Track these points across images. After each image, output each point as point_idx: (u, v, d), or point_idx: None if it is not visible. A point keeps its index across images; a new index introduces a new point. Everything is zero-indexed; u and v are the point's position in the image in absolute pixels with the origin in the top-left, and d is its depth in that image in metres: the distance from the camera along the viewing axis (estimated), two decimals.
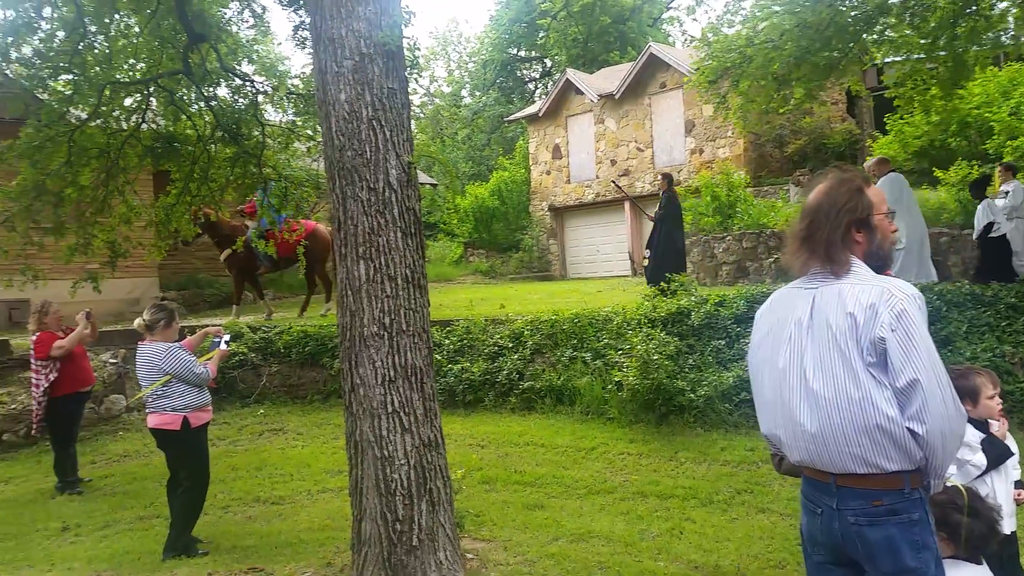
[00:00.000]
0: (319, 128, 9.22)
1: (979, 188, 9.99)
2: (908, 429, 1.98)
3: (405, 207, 4.15)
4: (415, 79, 4.73)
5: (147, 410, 5.09)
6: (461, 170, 29.26)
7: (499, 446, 7.36)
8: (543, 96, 26.61)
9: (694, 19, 39.33)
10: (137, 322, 5.15)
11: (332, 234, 4.18)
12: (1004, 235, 9.36)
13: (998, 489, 3.04)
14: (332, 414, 9.04)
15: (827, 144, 17.38)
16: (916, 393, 1.97)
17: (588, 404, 7.99)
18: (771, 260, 13.03)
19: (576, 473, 6.41)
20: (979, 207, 9.58)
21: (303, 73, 8.83)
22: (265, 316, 11.72)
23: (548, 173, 21.88)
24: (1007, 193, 9.53)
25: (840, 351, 2.05)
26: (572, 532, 4.99)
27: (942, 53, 9.39)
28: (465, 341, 9.36)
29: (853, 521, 2.05)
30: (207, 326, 6.98)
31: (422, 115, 32.65)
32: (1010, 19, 9.28)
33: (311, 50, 4.46)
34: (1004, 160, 10.36)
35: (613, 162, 20.27)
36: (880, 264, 2.20)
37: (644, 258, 11.96)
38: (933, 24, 9.08)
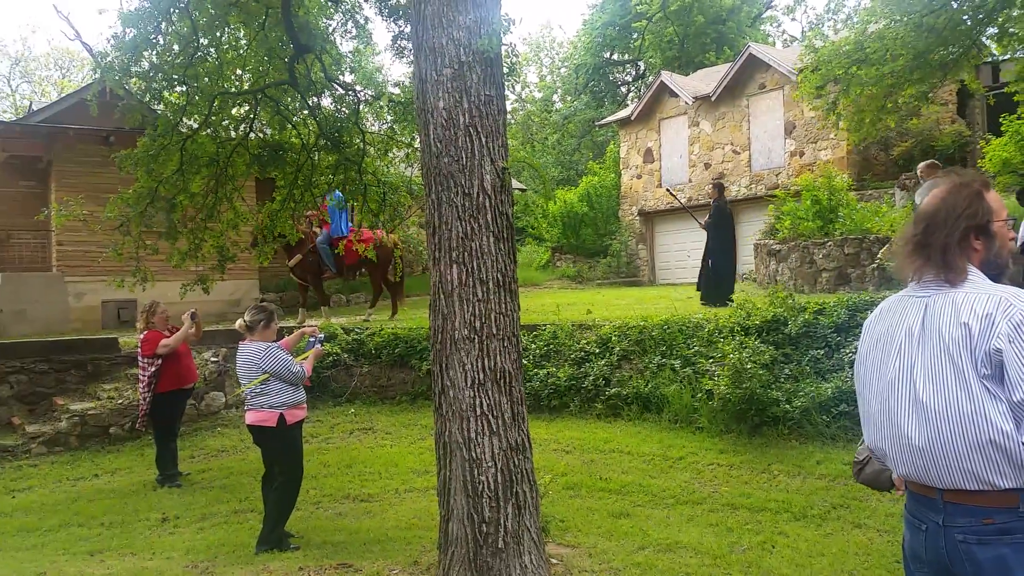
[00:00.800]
0: (416, 135, 9.48)
1: None
2: None
3: (498, 212, 4.20)
4: (511, 86, 4.79)
5: (246, 407, 5.32)
6: (551, 175, 29.30)
7: (584, 452, 7.34)
8: (636, 100, 26.35)
9: (793, 19, 38.11)
10: (238, 323, 5.40)
11: (427, 238, 4.26)
12: None
13: None
14: (420, 415, 9.22)
15: (935, 146, 16.52)
16: None
17: (676, 412, 7.87)
18: (874, 266, 12.49)
19: (663, 482, 6.32)
20: None
21: (402, 82, 9.05)
22: (365, 318, 12.05)
23: (639, 177, 21.65)
24: None
25: (952, 362, 1.96)
26: (659, 542, 4.93)
27: None
28: (552, 346, 9.38)
29: (961, 539, 1.96)
30: (304, 326, 7.25)
31: (513, 120, 32.88)
32: None
33: (411, 59, 4.57)
34: None
35: (707, 165, 19.89)
36: (997, 273, 2.09)
37: (702, 270, 11.86)
38: None
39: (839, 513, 5.27)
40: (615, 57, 33.12)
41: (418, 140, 4.40)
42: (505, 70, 4.46)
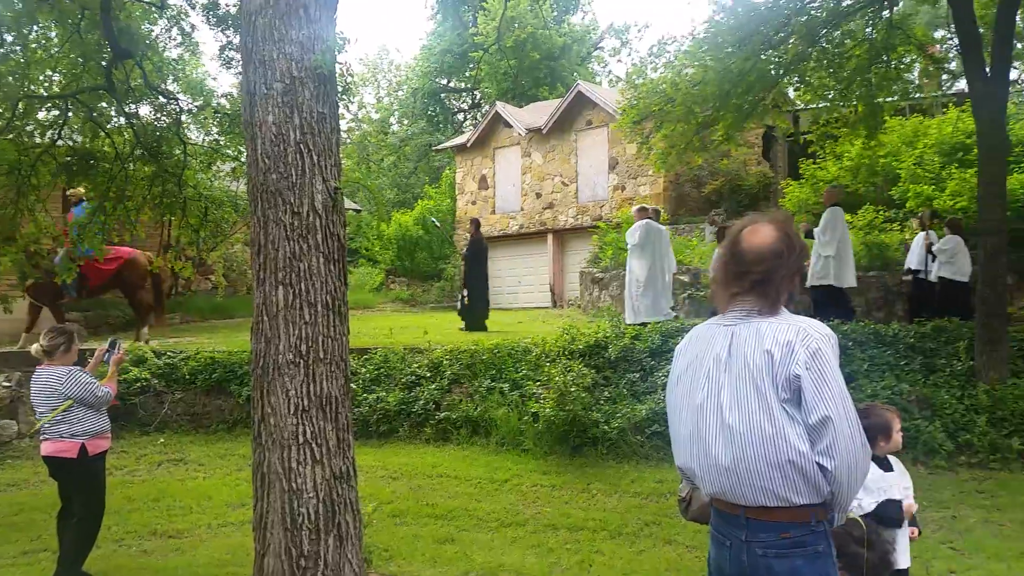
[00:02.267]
0: (243, 149, 9.07)
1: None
2: (818, 464, 2.06)
3: (329, 232, 4.10)
4: (346, 105, 4.73)
5: (41, 436, 4.82)
6: (387, 197, 29.09)
7: (412, 478, 7.27)
8: (472, 127, 26.80)
9: (619, 60, 40.43)
10: (35, 348, 4.90)
11: (252, 257, 4.08)
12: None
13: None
14: (237, 444, 8.75)
15: (742, 186, 18.09)
16: (827, 429, 2.05)
17: (504, 435, 8.00)
18: (685, 295, 13.41)
19: (488, 505, 6.38)
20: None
21: (230, 93, 8.66)
22: (138, 340, 10.85)
23: (474, 203, 21.99)
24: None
25: (756, 387, 2.13)
26: (482, 566, 4.96)
27: (855, 101, 10.00)
28: (382, 370, 9.26)
29: (761, 553, 2.11)
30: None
31: (348, 140, 32.38)
32: (915, 70, 9.99)
33: (239, 71, 4.39)
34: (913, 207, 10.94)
35: (538, 195, 20.55)
36: (790, 305, 2.30)
37: (461, 297, 13.37)
38: (848, 71, 9.65)
39: (651, 530, 5.56)
40: (452, 84, 33.56)
41: (245, 154, 4.22)
42: (340, 89, 4.39)
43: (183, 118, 8.04)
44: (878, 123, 10.80)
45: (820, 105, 11.42)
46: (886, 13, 9.44)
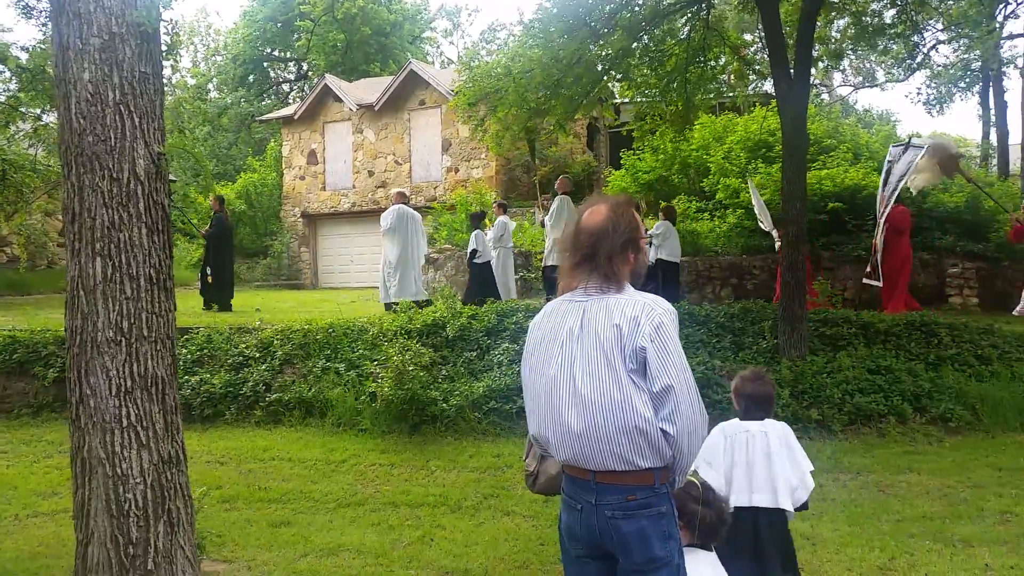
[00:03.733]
0: (48, 109, 8.22)
1: (477, 220, 12.02)
2: (661, 430, 2.22)
3: (153, 201, 3.82)
4: (171, 66, 4.40)
5: None
6: (204, 168, 27.37)
7: (241, 462, 6.98)
8: (298, 99, 25.81)
9: (451, 42, 40.44)
10: None
11: (65, 227, 3.73)
12: (488, 261, 11.63)
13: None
14: (44, 430, 8.04)
15: (568, 172, 18.74)
16: (669, 397, 2.21)
17: (340, 416, 7.85)
18: (518, 277, 13.76)
19: (325, 487, 6.26)
20: (472, 235, 11.73)
21: (30, 46, 7.77)
22: None
23: (303, 179, 21.25)
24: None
25: (606, 358, 2.25)
26: (321, 547, 4.87)
27: (674, 98, 10.64)
28: (206, 350, 8.78)
29: (610, 515, 2.24)
30: None
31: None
32: (728, 71, 10.79)
33: (43, 22, 3.98)
34: (723, 198, 11.89)
35: (371, 173, 20.20)
36: (636, 280, 2.44)
37: (203, 276, 12.99)
38: (669, 68, 10.25)
39: (490, 503, 5.69)
40: (276, 53, 32.08)
41: (55, 114, 3.83)
42: (165, 48, 4.09)
43: None
44: (690, 120, 11.59)
45: (640, 100, 12.12)
46: (704, 14, 10.12)
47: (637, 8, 9.95)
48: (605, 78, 10.91)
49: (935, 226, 12.73)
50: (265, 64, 31.63)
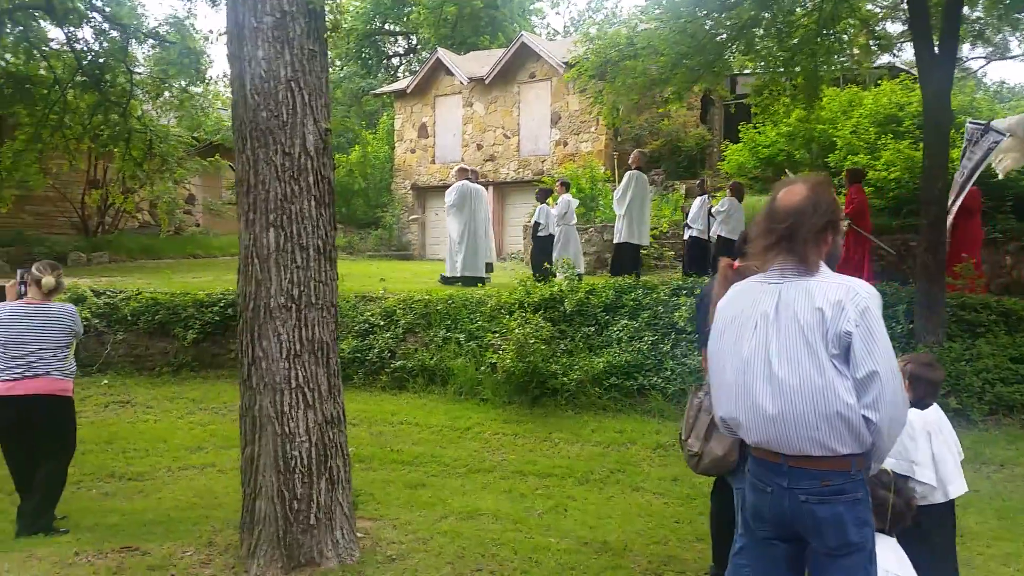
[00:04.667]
0: (187, 83, 8.63)
1: (544, 195, 12.30)
2: (864, 416, 2.18)
3: (320, 175, 4.01)
4: (334, 43, 4.55)
5: (19, 374, 4.60)
6: None
7: (372, 424, 7.28)
8: (407, 73, 26.23)
9: (557, 12, 40.13)
10: (46, 280, 4.70)
11: (239, 197, 3.96)
12: (551, 235, 11.74)
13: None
14: (185, 387, 8.59)
15: (681, 147, 18.38)
16: (874, 384, 2.17)
17: (462, 385, 8.05)
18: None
19: (453, 452, 6.46)
20: (537, 209, 12.06)
21: (176, 19, 8.21)
22: None
23: (413, 152, 21.64)
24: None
25: (807, 342, 2.22)
26: (459, 510, 5.04)
27: (798, 69, 10.24)
28: None
29: (804, 499, 2.23)
30: None
31: None
32: (855, 46, 10.29)
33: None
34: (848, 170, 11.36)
35: (479, 146, 20.38)
36: (831, 263, 2.40)
37: None
38: (795, 40, 9.86)
39: (617, 477, 5.75)
40: (387, 27, 32.60)
41: (232, 89, 4.05)
42: (330, 26, 4.25)
43: (130, 45, 7.59)
44: (816, 93, 11.12)
45: (759, 72, 11.72)
46: None
47: None
48: (727, 50, 10.60)
49: None
50: (376, 38, 32.22)
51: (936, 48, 7.62)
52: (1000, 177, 10.38)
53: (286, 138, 3.89)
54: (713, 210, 11.67)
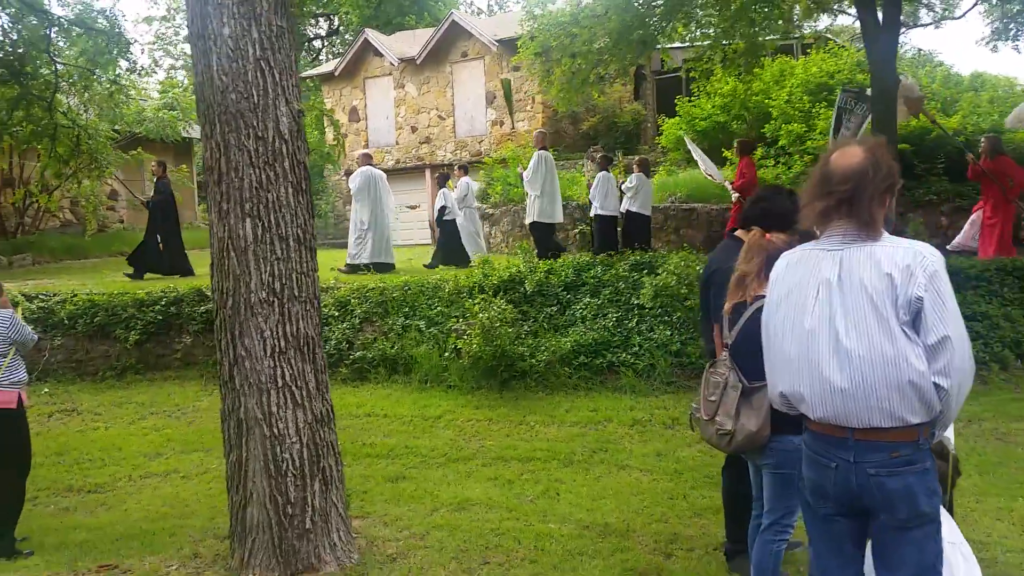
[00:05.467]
0: (116, 74, 8.11)
1: (443, 180, 12.72)
2: (935, 383, 2.13)
3: (296, 160, 3.78)
4: (301, 22, 4.27)
5: None
6: None
7: (338, 419, 6.80)
8: (330, 56, 25.51)
9: None
10: None
11: (209, 187, 3.69)
12: (455, 220, 12.09)
13: None
14: (131, 391, 8.16)
15: (617, 123, 18.44)
16: (946, 349, 2.11)
17: (426, 372, 7.86)
18: (576, 231, 13.65)
19: (428, 442, 6.29)
20: (439, 194, 12.33)
21: (104, 9, 7.68)
22: None
23: (345, 136, 21.09)
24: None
25: (875, 310, 2.14)
26: (448, 502, 4.90)
27: (737, 38, 10.35)
28: None
29: (873, 472, 2.16)
30: None
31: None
32: (797, 10, 10.46)
33: None
34: (786, 144, 11.60)
35: (414, 129, 20.02)
36: (886, 227, 2.33)
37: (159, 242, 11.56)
38: (735, 7, 9.95)
39: (601, 457, 5.69)
40: (307, 8, 31.64)
41: (195, 71, 3.76)
42: (296, 2, 3.99)
43: (52, 34, 7.07)
44: (757, 61, 11.27)
45: (696, 43, 11.83)
46: None
47: None
48: (667, 21, 10.62)
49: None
50: (296, 18, 31.30)
51: (880, 15, 7.76)
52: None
53: (258, 121, 3.64)
54: (623, 186, 11.83)
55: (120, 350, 8.67)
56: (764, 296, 3.04)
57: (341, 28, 31.14)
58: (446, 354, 7.88)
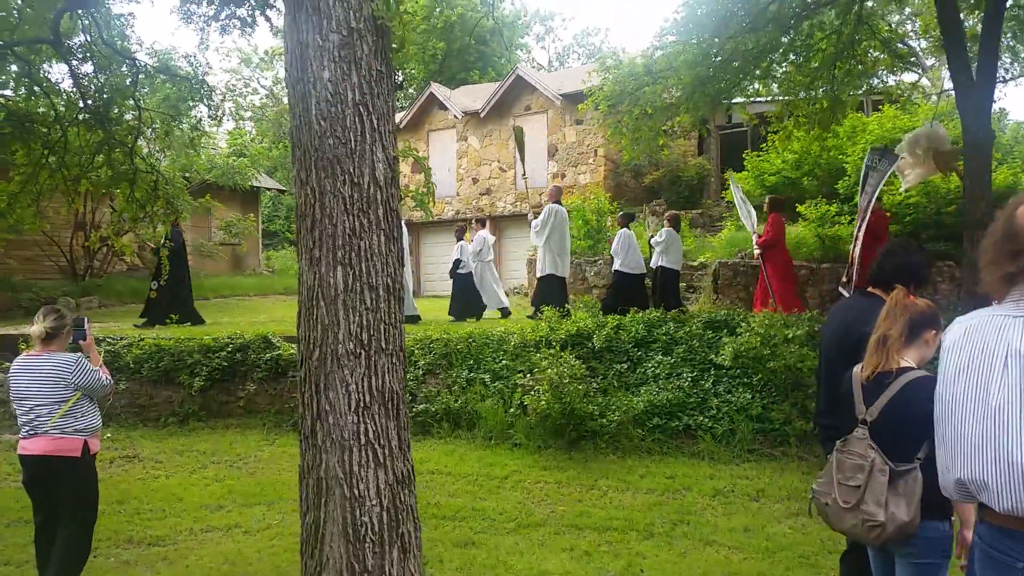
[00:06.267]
0: (198, 120, 8.21)
1: (460, 233, 12.82)
2: None
3: (389, 207, 3.62)
4: (399, 65, 4.20)
5: (27, 432, 4.13)
6: None
7: None
8: (402, 109, 25.98)
9: (542, 47, 40.35)
10: (36, 330, 4.21)
11: (301, 234, 3.56)
12: (470, 272, 12.27)
13: None
14: (193, 439, 8.08)
15: (681, 176, 18.23)
16: None
17: (491, 428, 7.63)
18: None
19: (496, 504, 6.01)
20: (456, 247, 12.54)
21: (186, 55, 7.85)
22: None
23: (407, 187, 21.33)
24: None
25: None
26: (524, 572, 4.60)
27: (820, 95, 10.10)
28: None
29: None
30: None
31: (264, 117, 30.84)
32: (881, 67, 10.20)
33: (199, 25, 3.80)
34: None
35: (475, 180, 20.13)
36: None
37: (151, 290, 11.59)
38: (815, 64, 9.72)
39: (683, 530, 5.33)
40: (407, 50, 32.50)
41: (291, 115, 3.67)
42: (396, 44, 3.90)
43: (139, 79, 7.20)
44: (837, 117, 10.99)
45: (775, 98, 11.58)
46: (855, 7, 9.55)
47: (787, 0, 9.46)
48: (744, 75, 10.44)
49: None
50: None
51: (974, 70, 7.46)
52: (902, 191, 10.60)
53: (354, 167, 3.51)
54: (652, 241, 11.79)
55: (184, 396, 8.64)
56: (911, 368, 2.76)
57: (404, 83, 31.88)
58: (511, 410, 7.65)
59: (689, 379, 7.56)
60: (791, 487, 6.08)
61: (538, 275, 11.67)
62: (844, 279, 9.71)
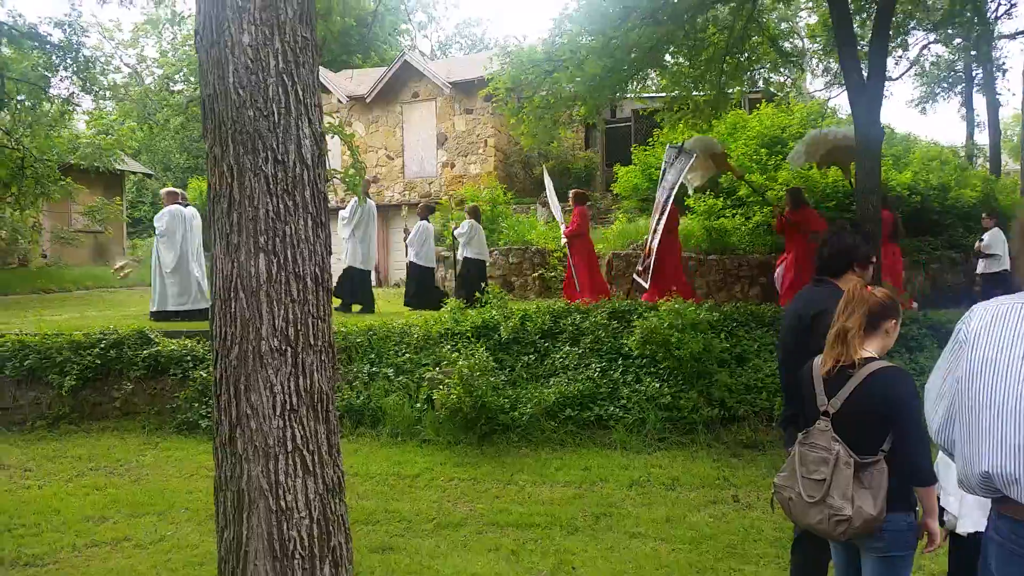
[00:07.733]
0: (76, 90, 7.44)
1: (426, 212, 12.53)
2: None
3: (316, 189, 3.29)
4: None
5: None
6: (175, 162, 26.32)
7: None
8: None
9: (425, 35, 39.74)
10: None
11: (216, 216, 3.15)
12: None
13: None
14: (65, 443, 7.35)
15: (570, 169, 18.38)
16: None
17: (397, 425, 7.32)
18: (535, 275, 13.34)
19: (410, 505, 5.74)
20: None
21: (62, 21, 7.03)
22: None
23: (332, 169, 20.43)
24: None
25: None
26: None
27: (707, 89, 10.37)
28: None
29: None
30: None
31: (127, 97, 28.63)
32: (767, 61, 10.58)
33: None
34: (745, 195, 11.66)
35: None
36: None
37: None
38: (705, 57, 9.96)
39: (606, 523, 5.25)
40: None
41: (202, 83, 3.25)
42: (321, 11, 3.55)
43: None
44: (720, 110, 11.35)
45: (653, 94, 11.90)
46: (749, 4, 9.83)
47: None
48: (640, 68, 10.56)
49: (958, 223, 12.78)
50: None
51: (865, 70, 7.80)
52: (690, 194, 11.61)
53: (278, 143, 3.15)
54: (455, 232, 12.10)
55: (53, 397, 7.85)
56: (874, 358, 2.73)
57: None
58: (418, 405, 7.38)
59: (598, 369, 7.53)
60: (704, 475, 6.14)
61: (344, 266, 11.41)
62: (639, 268, 10.27)
